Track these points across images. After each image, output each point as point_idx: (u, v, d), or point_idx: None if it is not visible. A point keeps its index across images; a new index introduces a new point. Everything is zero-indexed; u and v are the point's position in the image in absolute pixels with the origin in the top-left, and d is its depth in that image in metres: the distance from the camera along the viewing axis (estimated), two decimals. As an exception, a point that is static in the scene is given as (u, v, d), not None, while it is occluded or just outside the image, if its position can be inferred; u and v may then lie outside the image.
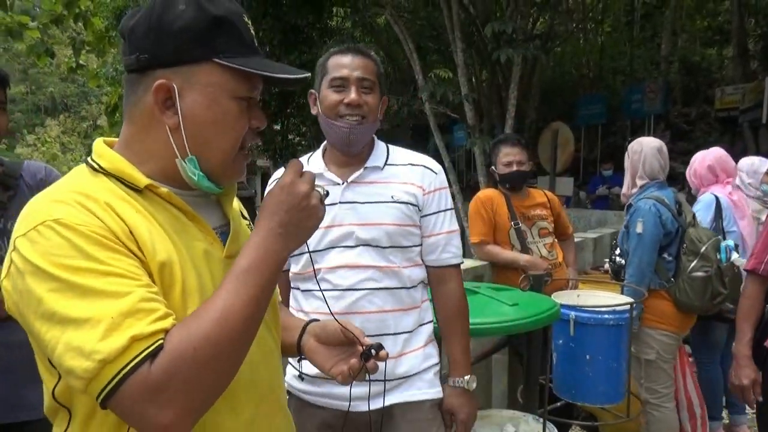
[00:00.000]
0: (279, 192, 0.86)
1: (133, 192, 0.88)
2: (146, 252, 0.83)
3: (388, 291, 1.59)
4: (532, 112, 9.00)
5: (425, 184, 1.64)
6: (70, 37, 14.88)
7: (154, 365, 0.73)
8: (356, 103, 1.54)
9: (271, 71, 0.91)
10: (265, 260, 0.83)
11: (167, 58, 0.87)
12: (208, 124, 0.89)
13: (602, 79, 13.18)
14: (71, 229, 0.78)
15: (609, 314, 2.46)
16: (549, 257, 3.04)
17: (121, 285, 0.76)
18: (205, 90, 0.88)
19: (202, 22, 0.87)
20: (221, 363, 0.78)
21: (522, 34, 6.48)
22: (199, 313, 0.79)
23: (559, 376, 2.62)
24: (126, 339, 0.73)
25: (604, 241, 5.13)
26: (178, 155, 0.90)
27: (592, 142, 11.90)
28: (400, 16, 8.25)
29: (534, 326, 1.98)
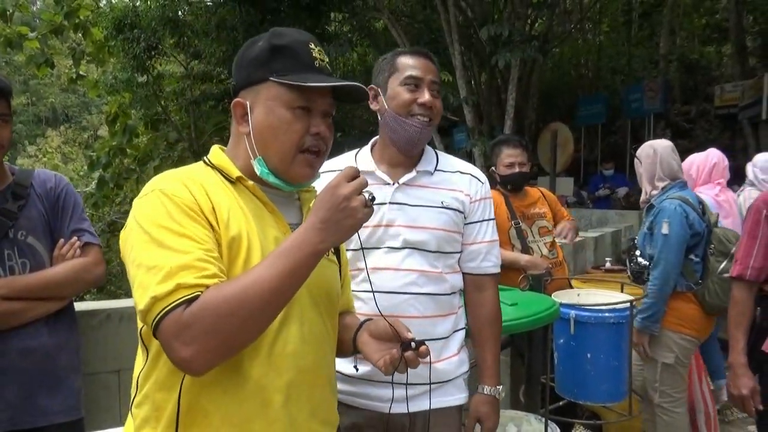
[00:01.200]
0: (325, 192, 1.01)
1: (228, 182, 1.11)
2: (222, 225, 1.03)
3: (431, 296, 1.59)
4: (532, 113, 9.03)
5: (472, 192, 1.66)
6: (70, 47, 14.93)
7: (187, 309, 0.91)
8: (430, 105, 1.56)
9: (312, 82, 1.08)
10: (300, 247, 0.97)
11: (243, 82, 1.13)
12: (267, 129, 1.10)
13: (601, 79, 13.20)
14: (168, 197, 1.00)
15: (609, 312, 2.46)
16: (549, 256, 3.04)
17: (188, 245, 0.96)
18: (265, 103, 1.10)
19: (266, 51, 1.11)
20: (240, 320, 0.93)
21: (519, 36, 6.49)
22: (235, 278, 0.96)
23: (561, 376, 2.62)
24: (173, 285, 0.92)
25: (605, 241, 5.13)
26: (252, 156, 1.11)
27: (592, 142, 11.90)
28: (398, 20, 8.28)
29: (534, 325, 1.98)
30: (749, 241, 2.12)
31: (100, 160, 15.04)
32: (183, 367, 0.94)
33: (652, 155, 2.85)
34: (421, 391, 1.50)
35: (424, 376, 1.41)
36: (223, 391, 1.01)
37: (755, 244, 2.10)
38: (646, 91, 10.37)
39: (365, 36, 10.50)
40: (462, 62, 7.29)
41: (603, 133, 11.64)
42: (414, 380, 1.20)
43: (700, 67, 12.41)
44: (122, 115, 14.33)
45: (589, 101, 11.63)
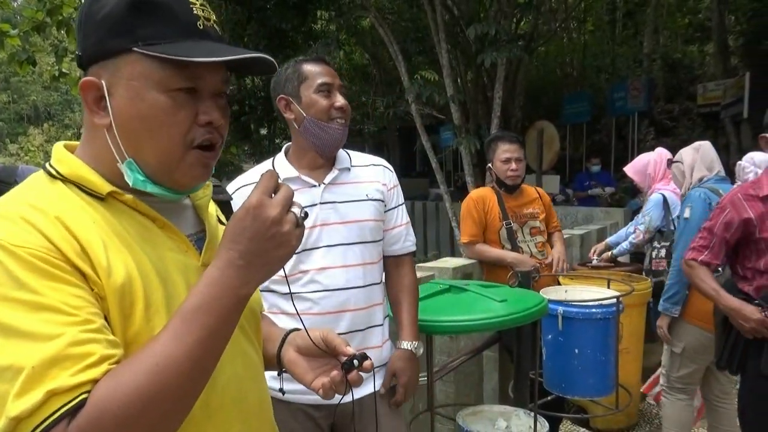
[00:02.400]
0: (243, 216, 0.74)
1: (94, 200, 0.80)
2: (100, 270, 0.74)
3: (372, 286, 1.71)
4: (518, 112, 9.06)
5: (387, 180, 1.79)
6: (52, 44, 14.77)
7: (73, 424, 0.64)
8: (345, 108, 1.66)
9: (194, 56, 0.77)
10: (219, 298, 0.71)
11: (93, 52, 0.80)
12: (135, 121, 0.79)
13: (586, 78, 13.29)
14: (8, 251, 0.68)
15: (596, 308, 2.50)
16: (539, 256, 3.08)
17: (52, 324, 0.66)
18: (128, 84, 0.78)
19: (123, 7, 0.78)
20: (156, 416, 0.67)
21: (505, 35, 6.53)
22: (133, 360, 0.69)
23: (549, 371, 2.66)
24: (42, 394, 0.63)
25: (591, 237, 5.19)
26: (118, 159, 0.81)
27: (577, 140, 11.98)
28: (385, 19, 8.29)
29: (523, 321, 2.01)
30: (708, 235, 2.36)
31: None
32: None
33: (694, 152, 2.97)
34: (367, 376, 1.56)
35: None
36: None
37: (712, 239, 2.34)
38: (630, 90, 10.46)
39: (352, 35, 10.51)
40: (449, 61, 7.31)
41: (588, 131, 11.72)
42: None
43: (683, 66, 12.55)
44: (106, 114, 14.20)
45: (574, 99, 11.71)
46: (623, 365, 3.32)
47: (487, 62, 6.09)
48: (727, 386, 2.96)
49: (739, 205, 2.28)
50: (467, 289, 2.20)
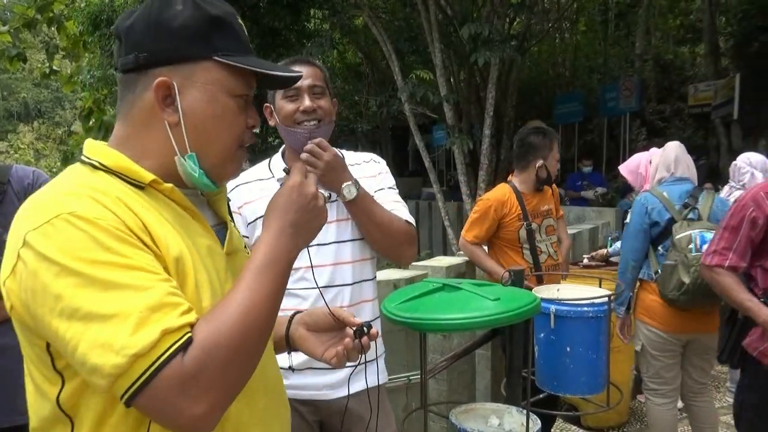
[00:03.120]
0: (289, 192, 0.91)
1: (135, 189, 0.87)
2: (161, 246, 0.82)
3: (362, 283, 1.74)
4: (510, 111, 9.09)
5: (374, 173, 1.81)
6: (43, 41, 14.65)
7: (186, 357, 0.73)
8: (311, 109, 1.66)
9: (269, 69, 0.94)
10: (278, 258, 0.86)
11: (166, 56, 0.88)
12: (209, 121, 0.90)
13: (578, 78, 13.35)
14: (89, 222, 0.76)
15: (588, 307, 2.51)
16: (554, 257, 3.08)
17: (144, 279, 0.75)
18: (204, 87, 0.89)
19: (201, 21, 0.88)
20: (247, 354, 0.80)
21: (498, 35, 6.55)
22: (221, 308, 0.79)
23: (541, 369, 2.67)
24: (158, 333, 0.72)
25: (582, 237, 5.22)
26: (178, 152, 0.90)
27: (569, 140, 12.03)
28: (378, 18, 8.29)
29: (516, 320, 2.01)
30: (730, 235, 2.23)
31: (74, 155, 14.80)
32: (192, 429, 0.75)
33: (660, 153, 3.02)
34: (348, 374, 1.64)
35: None
36: None
37: (736, 239, 2.22)
38: (622, 90, 10.52)
39: (345, 34, 10.50)
40: (442, 61, 7.33)
41: (580, 131, 11.78)
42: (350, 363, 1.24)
43: (675, 67, 12.64)
44: (97, 111, 14.08)
45: (567, 99, 11.76)
46: (614, 364, 3.33)
47: (480, 62, 6.11)
48: (695, 386, 2.97)
49: (762, 202, 2.22)
50: (460, 288, 2.19)
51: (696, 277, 2.62)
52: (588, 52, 13.92)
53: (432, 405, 2.77)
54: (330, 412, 1.70)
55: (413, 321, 1.98)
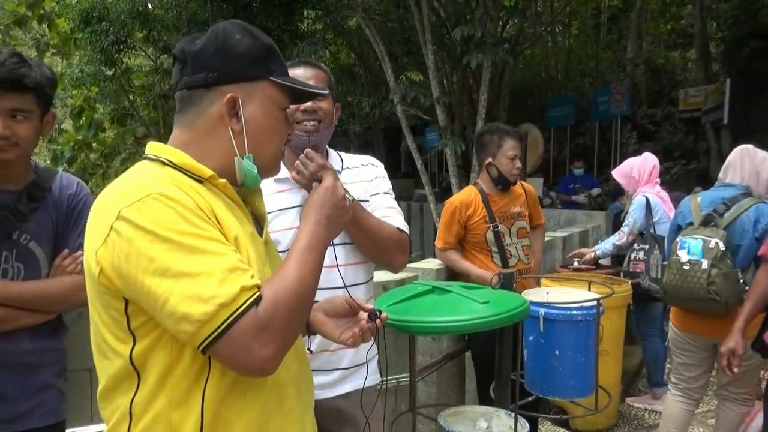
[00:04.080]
0: (325, 192, 1.12)
1: (196, 182, 1.03)
2: (224, 227, 0.99)
3: (357, 286, 1.73)
4: (503, 114, 9.12)
5: (371, 177, 1.81)
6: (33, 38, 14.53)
7: (260, 309, 0.90)
8: (312, 110, 1.67)
9: (309, 87, 1.18)
10: (318, 243, 1.04)
11: (233, 76, 1.07)
12: (265, 129, 1.10)
13: (570, 81, 13.41)
14: (175, 200, 0.93)
15: (577, 310, 2.52)
16: (525, 261, 3.03)
17: (221, 248, 0.92)
18: (262, 102, 1.09)
19: (258, 48, 1.09)
20: (302, 312, 0.97)
21: (491, 38, 6.57)
22: (280, 275, 0.97)
23: (530, 372, 2.67)
24: (238, 287, 0.89)
25: (573, 240, 5.23)
26: (238, 154, 1.08)
27: (561, 143, 12.08)
28: (371, 19, 8.29)
29: (506, 322, 2.01)
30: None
31: (64, 154, 14.65)
32: (260, 369, 0.92)
33: None
34: (343, 374, 1.67)
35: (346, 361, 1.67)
36: (243, 396, 0.99)
37: None
38: (613, 94, 10.58)
39: (338, 34, 10.49)
40: (435, 62, 7.34)
41: (572, 134, 11.84)
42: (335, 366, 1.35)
43: (666, 72, 12.72)
44: (88, 109, 14.01)
45: (559, 103, 11.81)
46: (603, 367, 3.35)
47: (472, 63, 6.12)
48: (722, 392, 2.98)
49: None
50: (450, 291, 2.19)
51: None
52: (580, 56, 13.99)
53: (421, 408, 2.77)
54: (321, 412, 1.69)
55: (402, 324, 1.98)
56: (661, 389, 4.01)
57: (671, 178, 9.02)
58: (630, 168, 4.02)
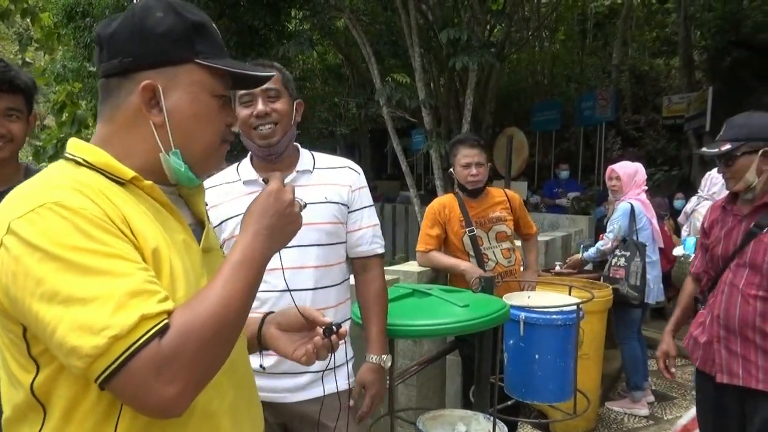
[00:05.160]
0: (266, 198, 0.96)
1: (116, 185, 0.91)
2: (139, 238, 0.86)
3: (325, 289, 1.71)
4: (489, 117, 9.15)
5: (351, 182, 1.78)
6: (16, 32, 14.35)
7: (163, 341, 0.77)
8: (264, 113, 1.64)
9: (244, 70, 1.01)
10: (254, 257, 0.90)
11: (151, 60, 0.93)
12: (192, 120, 0.96)
13: (556, 86, 13.49)
14: (72, 211, 0.80)
15: (557, 315, 2.53)
16: (506, 264, 3.03)
17: (124, 266, 0.79)
18: (188, 88, 0.95)
19: (182, 27, 0.95)
20: (220, 343, 0.83)
21: (477, 41, 6.59)
22: (200, 297, 0.83)
23: (510, 376, 2.68)
24: (137, 316, 0.75)
25: (555, 244, 5.26)
26: (162, 149, 0.95)
27: (546, 148, 12.15)
28: (358, 20, 8.28)
29: (484, 326, 2.02)
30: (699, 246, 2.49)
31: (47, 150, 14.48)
32: (163, 411, 0.79)
33: None
34: (314, 378, 1.64)
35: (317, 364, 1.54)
36: (163, 430, 0.86)
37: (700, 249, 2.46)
38: (598, 100, 10.65)
39: (326, 35, 10.46)
40: (421, 65, 7.34)
41: (557, 139, 11.90)
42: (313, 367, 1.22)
43: (650, 78, 12.84)
44: (70, 105, 13.81)
45: (544, 107, 11.87)
46: (583, 371, 3.37)
47: (458, 66, 6.14)
48: None
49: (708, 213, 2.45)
50: (430, 294, 2.20)
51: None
52: (566, 62, 14.08)
53: (400, 411, 2.76)
54: (292, 416, 1.67)
55: (383, 327, 1.97)
56: (640, 393, 4.05)
57: (654, 184, 9.10)
58: (635, 170, 4.08)
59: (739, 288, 2.14)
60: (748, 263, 2.12)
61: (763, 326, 2.09)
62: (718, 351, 2.19)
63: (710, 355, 2.22)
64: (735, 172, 2.12)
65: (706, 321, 2.27)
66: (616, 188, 4.09)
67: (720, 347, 2.19)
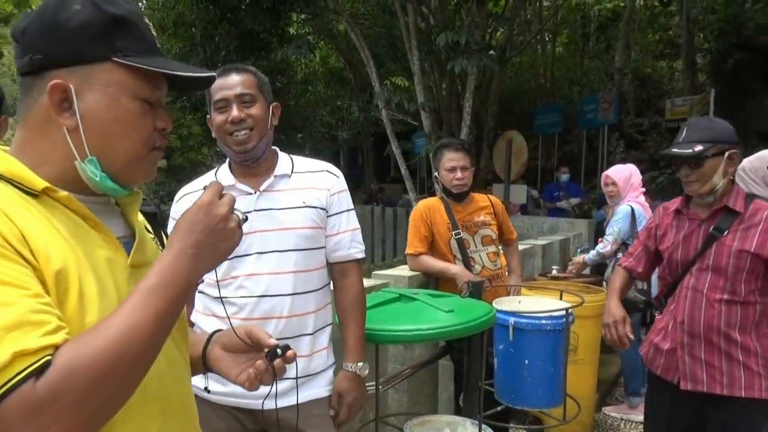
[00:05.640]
0: (196, 211, 0.85)
1: (29, 197, 0.83)
2: (39, 258, 0.77)
3: (304, 295, 1.69)
4: (491, 121, 9.12)
5: (330, 186, 1.76)
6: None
7: (40, 382, 0.67)
8: (238, 119, 1.63)
9: (172, 69, 0.89)
10: (174, 280, 0.80)
11: (63, 58, 0.85)
12: (110, 124, 0.87)
13: (558, 89, 13.46)
14: None
15: (546, 320, 2.51)
16: (492, 267, 3.02)
17: (8, 294, 0.70)
18: (105, 90, 0.86)
19: (100, 21, 0.85)
20: (117, 381, 0.73)
21: (476, 45, 6.57)
22: (97, 328, 0.74)
23: (500, 381, 2.66)
24: (8, 354, 0.67)
25: (553, 248, 5.23)
26: (77, 157, 0.86)
27: (549, 151, 12.12)
28: (357, 24, 8.28)
29: (468, 332, 2.00)
30: (637, 242, 2.50)
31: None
32: None
33: None
34: (293, 384, 1.60)
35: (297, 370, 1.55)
36: None
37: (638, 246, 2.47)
38: (601, 103, 10.61)
39: (324, 38, 10.47)
40: (421, 68, 7.33)
41: (559, 142, 11.87)
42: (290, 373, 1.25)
43: (653, 81, 12.79)
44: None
45: (547, 110, 11.84)
46: (578, 376, 3.35)
47: (456, 69, 6.12)
48: None
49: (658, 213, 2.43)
50: (416, 299, 2.19)
51: None
52: (568, 64, 14.05)
53: (388, 416, 2.74)
54: (270, 423, 1.66)
55: (367, 333, 1.96)
56: (638, 398, 4.01)
57: (657, 187, 9.05)
58: (629, 173, 4.07)
59: (702, 292, 2.12)
60: (711, 267, 2.10)
61: (727, 330, 2.07)
62: (681, 358, 2.17)
63: (673, 363, 2.20)
64: (702, 175, 2.09)
65: (668, 327, 2.24)
66: (613, 194, 4.06)
67: (684, 354, 2.16)
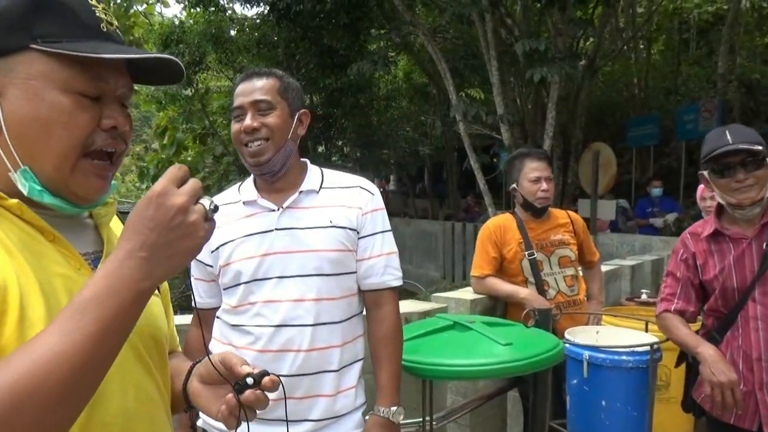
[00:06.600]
0: (146, 205, 0.68)
1: None
2: None
3: (328, 326, 1.48)
4: (579, 133, 8.67)
5: (362, 204, 1.55)
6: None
7: None
8: (251, 128, 1.47)
9: (100, 52, 0.74)
10: (115, 291, 0.65)
11: None
12: (32, 123, 0.74)
13: (653, 99, 12.67)
14: None
15: (627, 356, 2.19)
16: (568, 292, 2.70)
17: None
18: (26, 84, 0.73)
19: (18, 6, 0.74)
20: (32, 419, 0.60)
21: (558, 53, 6.22)
22: (11, 356, 0.62)
23: (573, 422, 2.36)
24: None
25: (644, 269, 4.76)
26: (10, 167, 0.75)
27: (644, 165, 11.40)
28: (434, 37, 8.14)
29: (527, 370, 1.75)
30: (672, 281, 2.08)
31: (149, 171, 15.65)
32: None
33: None
34: (314, 427, 1.44)
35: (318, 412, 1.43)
36: None
37: (678, 284, 2.06)
38: (701, 112, 9.85)
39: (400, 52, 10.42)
40: (501, 79, 7.06)
41: (656, 155, 11.15)
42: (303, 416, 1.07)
43: (762, 88, 11.74)
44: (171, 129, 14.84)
45: (641, 122, 11.18)
46: (670, 417, 2.95)
47: (536, 78, 5.81)
48: None
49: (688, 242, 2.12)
50: (471, 328, 1.95)
51: None
52: (664, 72, 13.21)
53: (445, 455, 2.50)
54: None
55: (411, 365, 1.75)
56: None
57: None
58: None
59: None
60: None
61: None
62: (762, 400, 1.85)
63: (751, 407, 1.87)
64: (760, 178, 1.87)
65: (738, 367, 1.90)
66: (711, 210, 3.62)
67: (764, 395, 1.85)
